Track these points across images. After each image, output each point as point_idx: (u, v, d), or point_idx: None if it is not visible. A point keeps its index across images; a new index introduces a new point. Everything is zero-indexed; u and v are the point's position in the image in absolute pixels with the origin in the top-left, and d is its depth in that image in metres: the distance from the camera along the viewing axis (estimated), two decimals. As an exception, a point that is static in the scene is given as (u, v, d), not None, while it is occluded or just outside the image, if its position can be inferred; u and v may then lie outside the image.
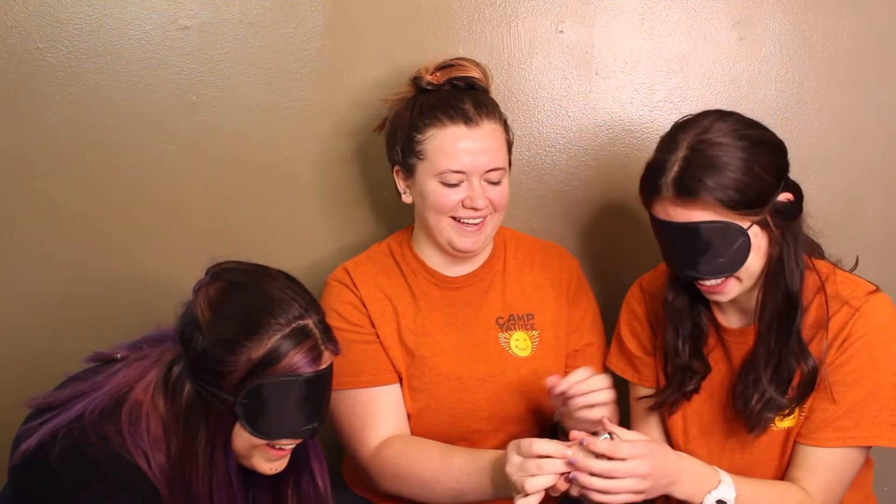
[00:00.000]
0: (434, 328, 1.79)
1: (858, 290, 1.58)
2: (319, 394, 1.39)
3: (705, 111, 1.58)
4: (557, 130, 2.03)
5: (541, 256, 1.86)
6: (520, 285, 1.83)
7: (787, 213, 1.54)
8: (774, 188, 1.51)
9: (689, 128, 1.54)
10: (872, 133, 2.06)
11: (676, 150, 1.51)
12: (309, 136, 2.00)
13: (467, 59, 1.80)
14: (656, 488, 1.48)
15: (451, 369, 1.76)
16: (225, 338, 1.33)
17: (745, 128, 1.54)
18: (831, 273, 1.60)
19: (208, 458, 1.37)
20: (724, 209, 1.48)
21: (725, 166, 1.47)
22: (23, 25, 1.92)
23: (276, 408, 1.35)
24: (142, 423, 1.36)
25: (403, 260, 1.82)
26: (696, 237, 1.49)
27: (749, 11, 2.00)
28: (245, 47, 1.96)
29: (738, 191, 1.47)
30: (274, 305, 1.35)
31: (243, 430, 1.36)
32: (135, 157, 1.99)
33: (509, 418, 1.79)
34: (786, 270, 1.54)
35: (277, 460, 1.43)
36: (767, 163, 1.51)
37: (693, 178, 1.48)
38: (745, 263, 1.51)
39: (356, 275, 1.79)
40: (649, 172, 1.55)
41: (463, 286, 1.81)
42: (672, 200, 1.50)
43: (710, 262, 1.50)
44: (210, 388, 1.35)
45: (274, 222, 2.03)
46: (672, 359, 1.66)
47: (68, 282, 2.02)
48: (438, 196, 1.70)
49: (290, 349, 1.34)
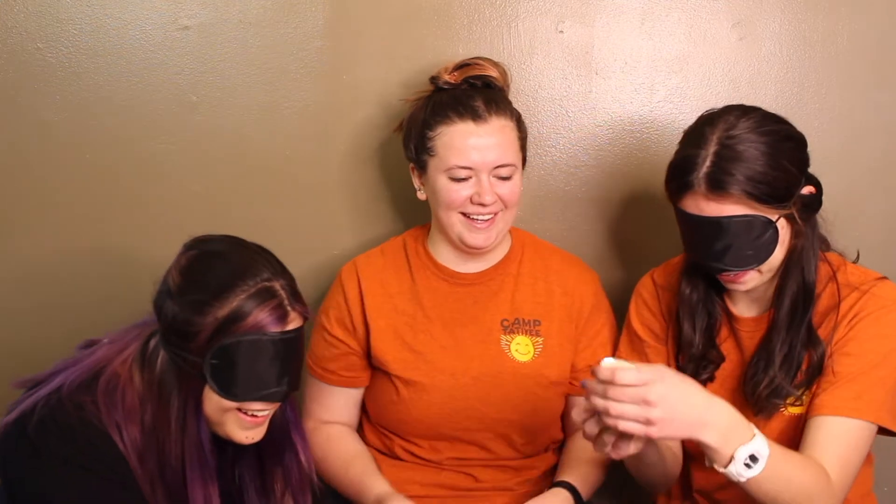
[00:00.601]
0: (435, 325, 1.80)
1: (867, 277, 1.63)
2: (287, 356, 1.39)
3: (728, 106, 1.61)
4: (557, 130, 2.03)
5: (558, 265, 1.86)
6: (531, 290, 1.83)
7: (811, 206, 1.59)
8: (799, 181, 1.56)
9: (716, 123, 1.57)
10: (872, 133, 2.06)
11: (706, 145, 1.54)
12: (309, 136, 2.01)
13: (484, 58, 1.82)
14: (677, 423, 1.35)
15: (446, 365, 1.78)
16: (192, 299, 1.36)
17: (770, 122, 1.58)
18: (841, 264, 1.65)
19: (181, 423, 1.38)
20: (756, 202, 1.51)
21: (755, 161, 1.51)
22: (23, 25, 1.92)
23: (242, 368, 1.36)
24: (117, 394, 1.39)
25: (415, 255, 1.84)
26: (726, 230, 1.53)
27: (749, 11, 2.00)
28: (245, 47, 1.96)
29: (768, 185, 1.51)
30: (242, 269, 1.38)
31: (212, 392, 1.38)
32: (135, 157, 1.99)
33: (501, 420, 1.79)
34: (804, 262, 1.59)
35: (252, 428, 1.43)
36: (793, 156, 1.56)
37: (725, 173, 1.51)
38: (770, 256, 1.55)
39: (363, 269, 1.84)
40: (679, 168, 1.57)
41: (473, 283, 1.82)
42: (704, 195, 1.53)
43: (737, 254, 1.54)
44: (180, 351, 1.37)
45: (274, 222, 2.03)
46: (686, 350, 1.69)
47: (68, 282, 2.02)
48: (448, 192, 1.72)
49: (255, 307, 1.35)
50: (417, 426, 1.81)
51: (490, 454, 1.82)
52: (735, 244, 1.53)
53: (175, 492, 1.40)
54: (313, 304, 1.99)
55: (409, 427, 1.82)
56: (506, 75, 1.81)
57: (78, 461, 1.35)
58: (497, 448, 1.82)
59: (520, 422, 1.80)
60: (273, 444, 1.50)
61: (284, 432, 1.51)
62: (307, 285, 2.04)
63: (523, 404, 1.78)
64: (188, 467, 1.39)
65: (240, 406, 1.40)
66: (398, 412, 1.81)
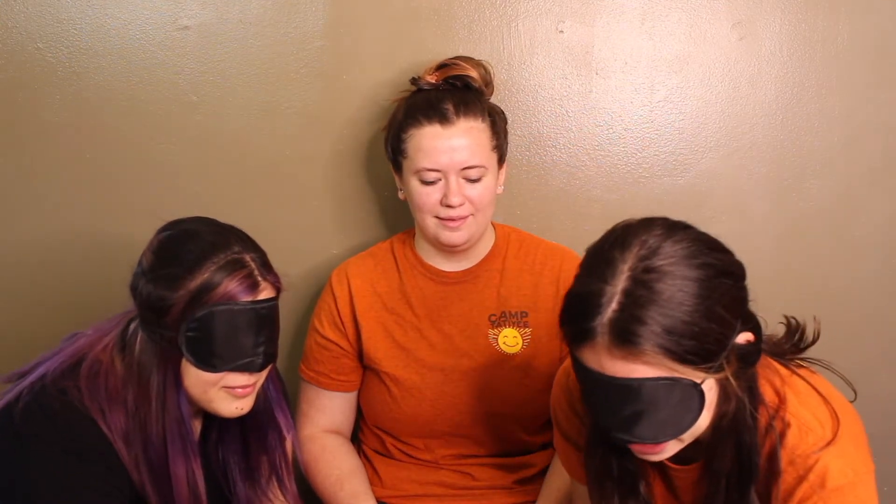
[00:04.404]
0: (424, 323, 1.82)
1: (810, 438, 1.27)
2: (261, 325, 1.40)
3: (649, 219, 1.25)
4: (557, 130, 2.03)
5: (543, 257, 1.86)
6: (517, 283, 1.83)
7: (748, 359, 1.24)
8: (734, 329, 1.21)
9: (630, 244, 1.20)
10: (872, 133, 2.06)
11: (614, 278, 1.18)
12: (309, 136, 2.01)
13: (466, 58, 1.82)
14: None
15: (436, 361, 1.80)
16: (164, 274, 1.38)
17: (705, 251, 1.21)
18: (782, 402, 1.29)
19: (161, 400, 1.40)
20: (676, 363, 1.17)
21: (679, 306, 1.16)
22: (23, 25, 1.92)
23: (216, 338, 1.37)
24: (100, 379, 1.40)
25: (402, 256, 1.86)
26: (636, 396, 1.18)
27: (749, 11, 2.00)
28: (245, 47, 1.96)
29: (693, 338, 1.16)
30: (213, 244, 1.40)
31: (190, 365, 1.39)
32: (135, 157, 1.99)
33: (492, 413, 1.81)
34: (738, 429, 1.26)
35: (239, 399, 1.44)
36: (730, 299, 1.20)
37: (637, 321, 1.15)
38: (694, 425, 1.22)
39: (352, 271, 1.86)
40: (576, 308, 1.21)
41: (458, 281, 1.83)
42: (608, 349, 1.17)
43: (650, 424, 1.20)
44: (156, 328, 1.38)
45: (274, 222, 2.02)
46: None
47: (68, 282, 2.02)
48: (419, 194, 1.74)
49: (225, 277, 1.37)
50: (411, 424, 1.83)
51: (485, 450, 1.83)
52: (648, 411, 1.19)
53: (159, 472, 1.41)
54: (312, 300, 1.99)
55: (403, 426, 1.84)
56: (488, 75, 1.82)
57: (60, 444, 1.36)
58: (491, 444, 1.83)
59: (512, 414, 1.81)
60: (256, 425, 1.52)
61: (268, 412, 1.53)
62: (309, 283, 2.05)
63: (514, 396, 1.79)
64: (169, 443, 1.40)
65: (220, 379, 1.41)
66: (391, 411, 1.83)
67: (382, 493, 1.84)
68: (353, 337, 1.84)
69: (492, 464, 1.85)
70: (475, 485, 1.84)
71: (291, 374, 1.98)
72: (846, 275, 2.11)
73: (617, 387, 1.19)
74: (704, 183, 2.05)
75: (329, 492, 1.81)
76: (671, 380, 1.18)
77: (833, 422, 1.28)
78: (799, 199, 2.07)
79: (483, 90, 1.80)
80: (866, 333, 2.13)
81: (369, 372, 1.86)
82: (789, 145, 2.05)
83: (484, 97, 1.80)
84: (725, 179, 2.05)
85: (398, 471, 1.86)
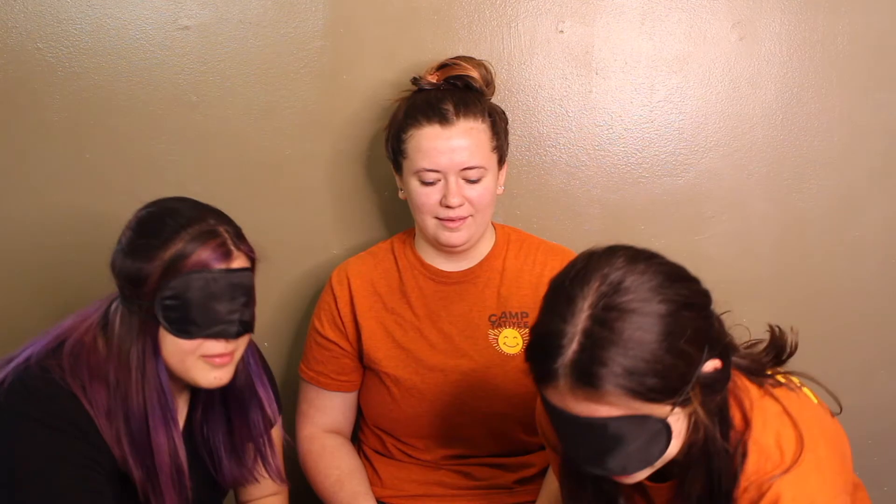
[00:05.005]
0: (424, 323, 1.82)
1: (768, 465, 1.25)
2: (236, 293, 1.43)
3: (612, 249, 1.22)
4: (557, 130, 2.03)
5: (545, 257, 1.86)
6: (517, 283, 1.83)
7: (715, 386, 1.21)
8: (699, 361, 1.18)
9: (590, 279, 1.18)
10: (872, 133, 2.06)
11: (573, 317, 1.16)
12: (309, 136, 2.00)
13: (467, 58, 1.82)
14: None
15: (436, 362, 1.80)
16: (141, 246, 1.42)
17: (665, 284, 1.18)
18: (747, 427, 1.27)
19: (141, 370, 1.42)
20: (640, 401, 1.15)
21: (641, 346, 1.13)
22: (23, 25, 1.92)
23: (191, 305, 1.39)
24: (82, 356, 1.43)
25: (402, 256, 1.86)
26: (602, 433, 1.17)
27: (749, 11, 2.00)
28: (245, 47, 1.96)
29: (657, 376, 1.14)
30: (188, 218, 1.44)
31: (168, 334, 1.41)
32: (135, 157, 1.99)
33: (493, 413, 1.81)
34: (709, 455, 1.24)
35: (216, 369, 1.45)
36: (692, 331, 1.18)
37: (598, 363, 1.13)
38: (663, 455, 1.21)
39: (352, 270, 1.86)
40: (538, 346, 1.21)
41: (459, 282, 1.83)
42: (571, 390, 1.16)
43: (619, 458, 1.19)
44: (134, 300, 1.42)
45: (274, 222, 2.02)
46: None
47: (68, 282, 2.02)
48: (419, 195, 1.74)
49: (198, 246, 1.41)
50: (411, 425, 1.83)
51: (485, 450, 1.83)
52: (616, 447, 1.18)
53: (141, 445, 1.43)
54: (312, 300, 1.99)
55: (403, 426, 1.84)
56: (489, 75, 1.82)
57: (41, 419, 1.38)
58: (491, 444, 1.83)
59: (512, 415, 1.80)
60: (239, 402, 1.55)
61: (249, 388, 1.56)
62: (308, 283, 2.05)
63: (514, 396, 1.79)
64: (150, 413, 1.42)
65: (198, 347, 1.43)
66: (391, 412, 1.83)
67: (382, 494, 1.84)
68: (354, 337, 1.84)
69: (492, 464, 1.84)
70: (475, 485, 1.84)
71: (291, 374, 1.99)
72: (846, 275, 2.11)
73: (582, 425, 1.18)
74: (704, 183, 2.05)
75: (329, 492, 1.81)
76: (636, 417, 1.16)
77: (796, 448, 1.24)
78: (799, 199, 2.07)
79: (484, 90, 1.80)
80: (866, 333, 2.13)
81: (369, 372, 1.86)
82: (789, 145, 2.05)
83: (485, 97, 1.80)
84: (725, 179, 2.05)
85: (398, 471, 1.86)
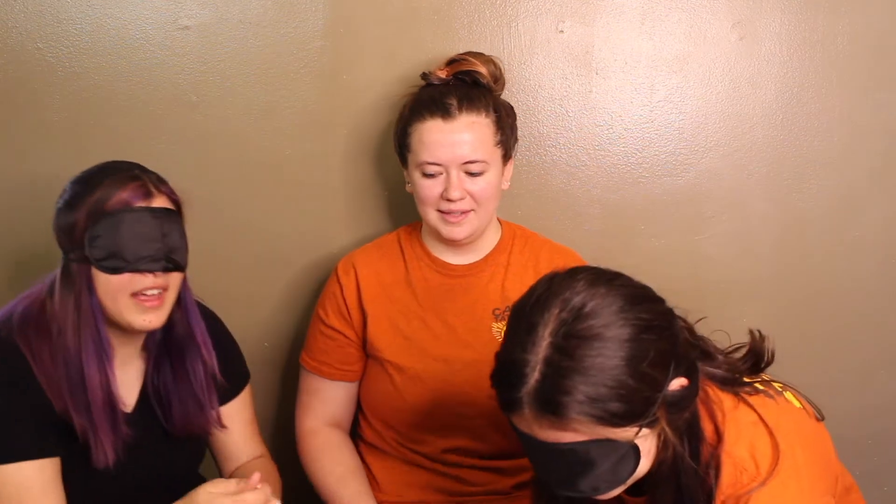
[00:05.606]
0: (428, 313, 1.83)
1: (743, 478, 1.23)
2: (159, 231, 1.49)
3: (573, 272, 1.21)
4: (558, 130, 2.03)
5: (549, 254, 1.87)
6: (521, 279, 1.84)
7: (682, 403, 1.20)
8: (664, 383, 1.17)
9: (550, 307, 1.16)
10: (872, 133, 2.06)
11: (534, 346, 1.15)
12: (309, 136, 2.01)
13: (476, 53, 1.84)
14: None
15: (439, 352, 1.81)
16: (70, 197, 1.50)
17: (627, 308, 1.16)
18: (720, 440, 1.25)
19: (77, 309, 1.49)
20: (604, 427, 1.15)
21: (603, 372, 1.12)
22: (23, 25, 1.92)
23: (116, 240, 1.47)
24: (31, 317, 1.50)
25: (409, 247, 1.88)
26: (569, 458, 1.18)
27: (749, 11, 2.00)
28: (245, 47, 1.96)
29: (620, 401, 1.13)
30: (114, 168, 1.52)
31: (100, 274, 1.48)
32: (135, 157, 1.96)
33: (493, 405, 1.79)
34: (678, 472, 1.23)
35: (148, 312, 1.51)
36: (656, 352, 1.16)
37: (561, 392, 1.13)
38: (632, 475, 1.21)
39: (359, 260, 1.87)
40: (501, 374, 1.21)
41: (464, 275, 1.84)
42: (535, 418, 1.16)
43: (588, 480, 1.19)
44: (69, 250, 1.49)
45: (273, 222, 2.03)
46: None
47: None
48: (421, 188, 1.76)
49: (119, 188, 1.49)
50: (412, 414, 1.83)
51: (484, 445, 1.83)
52: (584, 471, 1.18)
53: (78, 387, 1.48)
54: (311, 300, 1.99)
55: (403, 415, 1.84)
56: (497, 71, 1.83)
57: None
58: (491, 438, 1.83)
59: None
60: (178, 348, 1.61)
61: (189, 335, 1.61)
62: (306, 281, 2.06)
63: None
64: (83, 348, 1.48)
65: (128, 283, 1.48)
66: (393, 400, 1.83)
67: (380, 498, 1.84)
68: (359, 326, 1.84)
69: (489, 468, 1.84)
70: (473, 490, 1.84)
71: (294, 364, 1.99)
72: (846, 275, 2.11)
73: (551, 451, 1.18)
74: (704, 183, 2.05)
75: (331, 488, 1.81)
76: (603, 441, 1.16)
77: (772, 457, 1.23)
78: (799, 199, 2.07)
79: (492, 86, 1.81)
80: (866, 333, 2.13)
81: (372, 361, 1.86)
82: (789, 145, 2.05)
83: (493, 93, 1.81)
84: (725, 179, 2.05)
85: (395, 476, 1.86)
